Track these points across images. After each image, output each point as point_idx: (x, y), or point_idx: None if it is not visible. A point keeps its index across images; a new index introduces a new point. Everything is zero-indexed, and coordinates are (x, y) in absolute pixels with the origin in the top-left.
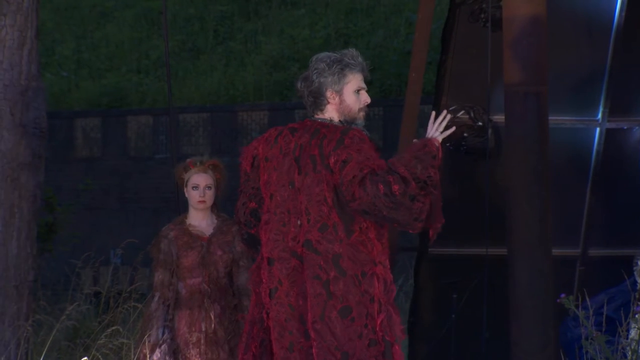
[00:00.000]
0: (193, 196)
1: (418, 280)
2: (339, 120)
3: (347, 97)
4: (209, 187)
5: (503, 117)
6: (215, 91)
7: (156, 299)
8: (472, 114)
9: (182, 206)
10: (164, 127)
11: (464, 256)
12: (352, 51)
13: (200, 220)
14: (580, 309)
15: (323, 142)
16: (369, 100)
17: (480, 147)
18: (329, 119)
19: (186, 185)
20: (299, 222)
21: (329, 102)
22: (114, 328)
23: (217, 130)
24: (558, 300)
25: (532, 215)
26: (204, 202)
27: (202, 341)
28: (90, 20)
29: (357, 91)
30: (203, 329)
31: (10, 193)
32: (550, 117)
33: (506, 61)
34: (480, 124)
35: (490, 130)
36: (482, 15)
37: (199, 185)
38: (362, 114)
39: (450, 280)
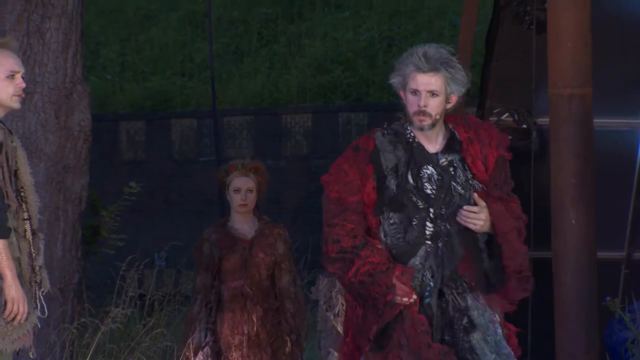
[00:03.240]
0: (235, 199)
1: None
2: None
3: (405, 97)
4: (251, 191)
5: (548, 119)
6: (259, 94)
7: (198, 301)
8: (516, 117)
9: (226, 209)
10: (208, 130)
11: None
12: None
13: (242, 223)
14: (625, 311)
15: None
16: (421, 103)
17: (525, 150)
18: (403, 121)
19: (228, 189)
20: None
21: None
22: (158, 331)
23: (260, 133)
24: (603, 303)
25: (576, 218)
26: (245, 205)
27: (245, 344)
28: (134, 24)
29: (414, 92)
30: (245, 332)
31: (55, 196)
32: (594, 120)
33: (550, 63)
34: (524, 126)
35: (534, 133)
36: (527, 18)
37: (240, 189)
38: (416, 118)
39: None
